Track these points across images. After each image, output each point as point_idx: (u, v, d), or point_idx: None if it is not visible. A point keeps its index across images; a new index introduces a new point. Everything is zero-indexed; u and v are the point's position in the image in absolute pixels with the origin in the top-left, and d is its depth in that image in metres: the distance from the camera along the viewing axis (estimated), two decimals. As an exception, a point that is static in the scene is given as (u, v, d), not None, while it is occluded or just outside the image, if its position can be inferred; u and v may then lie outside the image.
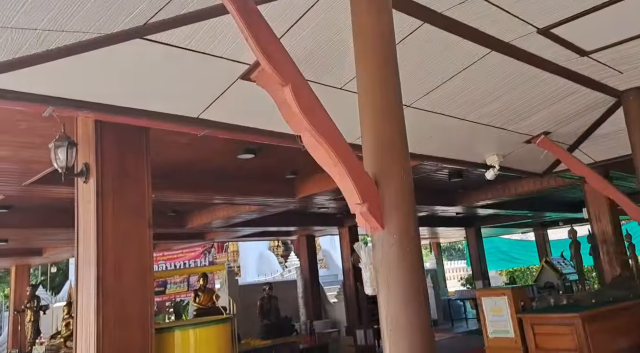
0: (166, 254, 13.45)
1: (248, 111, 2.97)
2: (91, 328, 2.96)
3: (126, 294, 3.09)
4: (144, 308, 3.15)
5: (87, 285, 3.08)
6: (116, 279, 3.07)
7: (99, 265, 3.02)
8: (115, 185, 3.21)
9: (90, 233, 3.14)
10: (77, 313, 3.20)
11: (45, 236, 9.29)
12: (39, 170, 4.91)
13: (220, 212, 9.23)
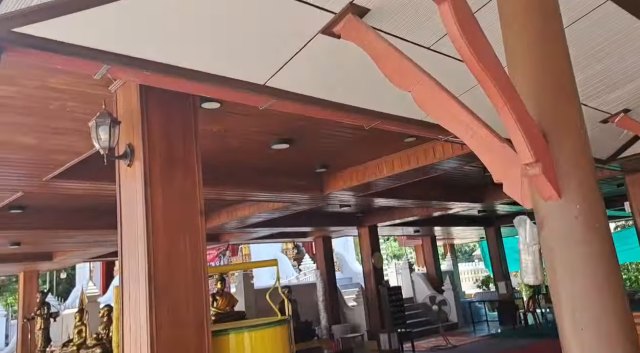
0: (179, 258, 13.03)
1: (330, 78, 2.56)
2: (143, 330, 2.56)
3: (180, 292, 2.69)
4: (199, 307, 2.75)
5: (135, 283, 2.68)
6: (169, 276, 2.67)
7: (150, 260, 2.61)
8: (164, 169, 2.81)
9: (137, 224, 2.73)
10: (123, 315, 2.80)
11: (58, 239, 8.88)
12: (62, 163, 4.51)
13: (240, 211, 8.83)
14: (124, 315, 2.81)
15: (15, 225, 7.33)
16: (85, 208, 7.72)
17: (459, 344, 11.49)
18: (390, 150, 6.08)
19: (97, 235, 8.71)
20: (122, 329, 2.81)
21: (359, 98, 2.84)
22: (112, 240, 9.57)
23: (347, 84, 2.66)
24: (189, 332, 2.68)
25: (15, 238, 8.08)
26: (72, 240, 9.01)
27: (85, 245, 9.84)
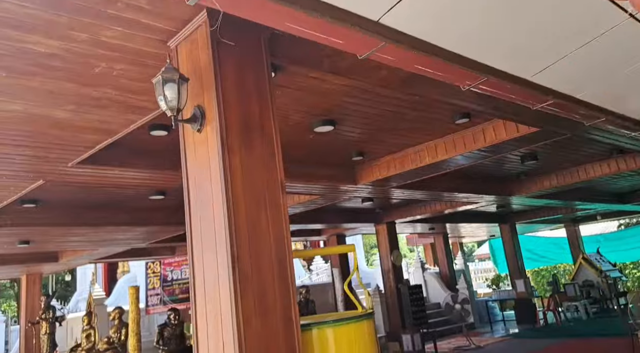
0: (189, 258, 12.53)
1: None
2: (228, 324, 2.13)
3: (267, 278, 2.26)
4: (286, 296, 2.32)
5: (214, 270, 2.24)
6: (254, 260, 2.24)
7: (232, 241, 2.18)
8: (242, 135, 2.38)
9: (213, 200, 2.30)
10: (196, 308, 2.36)
11: (69, 237, 8.40)
12: (92, 144, 4.07)
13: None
14: (196, 307, 2.38)
15: (27, 221, 6.84)
16: (102, 204, 7.25)
17: (482, 345, 11.09)
18: (434, 135, 5.69)
19: (112, 233, 8.24)
20: (195, 324, 2.37)
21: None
22: (127, 238, 9.10)
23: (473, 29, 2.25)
24: (278, 324, 2.25)
25: (26, 235, 7.59)
26: (84, 238, 8.53)
27: (97, 244, 9.36)
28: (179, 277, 12.46)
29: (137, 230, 8.31)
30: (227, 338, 2.15)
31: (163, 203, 7.82)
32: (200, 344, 2.33)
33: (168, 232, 9.09)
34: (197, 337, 2.35)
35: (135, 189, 6.64)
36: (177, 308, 8.69)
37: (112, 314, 9.59)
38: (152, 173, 5.10)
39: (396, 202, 10.62)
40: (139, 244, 10.30)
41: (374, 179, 6.60)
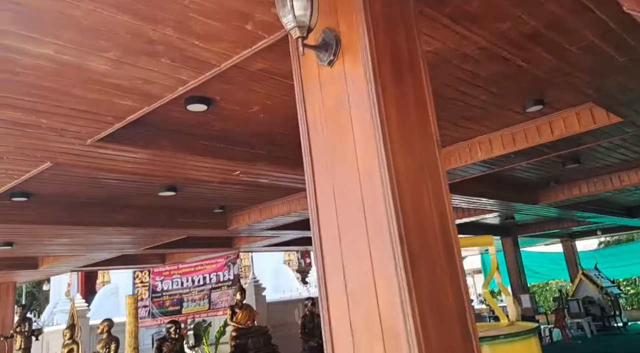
0: (182, 267, 11.63)
1: None
2: (395, 334, 1.44)
3: (436, 271, 1.59)
4: (457, 292, 1.65)
5: (363, 261, 1.56)
6: (422, 243, 1.57)
7: (398, 217, 1.51)
8: (394, 76, 1.71)
9: (359, 157, 1.62)
10: (329, 314, 1.66)
11: (57, 240, 7.46)
12: (125, 113, 3.32)
13: (277, 208, 7.67)
14: (329, 313, 1.67)
15: (15, 218, 5.94)
16: (99, 201, 6.41)
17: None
18: (493, 126, 5.12)
19: (107, 235, 7.35)
20: (329, 335, 1.67)
21: None
22: (123, 241, 8.19)
23: None
24: (455, 333, 1.57)
25: (11, 236, 6.64)
26: (75, 241, 7.60)
27: (87, 248, 8.41)
28: (169, 287, 11.53)
29: (136, 232, 7.45)
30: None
31: (169, 202, 7.01)
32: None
33: (170, 235, 8.24)
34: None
35: (144, 183, 5.85)
36: (178, 321, 7.82)
37: (101, 327, 8.62)
38: (177, 159, 4.36)
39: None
40: (131, 250, 9.37)
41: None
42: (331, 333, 1.65)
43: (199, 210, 7.72)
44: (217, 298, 11.11)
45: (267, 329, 9.04)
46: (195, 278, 11.40)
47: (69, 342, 9.31)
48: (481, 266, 21.80)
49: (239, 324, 8.84)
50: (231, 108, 3.93)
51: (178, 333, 7.48)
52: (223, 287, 11.15)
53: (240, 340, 8.56)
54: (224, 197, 7.12)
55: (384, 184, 1.56)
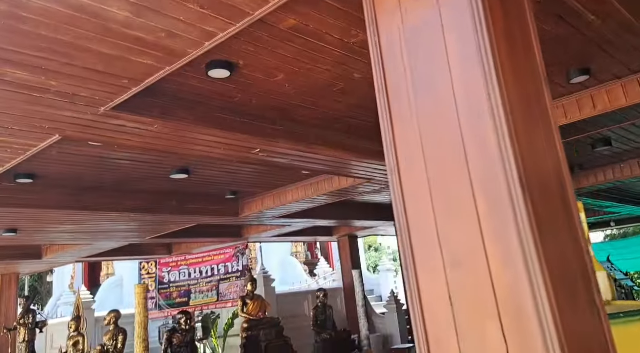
0: (189, 258, 11.34)
1: None
2: (525, 306, 1.13)
3: (559, 231, 1.27)
4: (580, 260, 1.33)
5: (469, 215, 1.24)
6: (544, 199, 1.25)
7: (518, 164, 1.19)
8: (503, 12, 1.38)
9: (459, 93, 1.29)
10: (418, 288, 1.34)
11: (62, 227, 7.15)
12: (143, 75, 3.00)
13: (290, 194, 7.35)
14: (419, 286, 1.35)
15: (19, 202, 5.63)
16: (107, 185, 6.10)
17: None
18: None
19: (114, 222, 7.05)
20: (419, 311, 1.35)
21: None
22: (131, 229, 7.87)
23: None
24: (585, 311, 1.25)
25: (15, 221, 6.34)
26: (80, 228, 7.30)
27: (93, 236, 8.11)
28: (176, 279, 11.24)
29: (145, 219, 7.14)
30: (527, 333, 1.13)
31: (180, 187, 6.70)
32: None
33: (179, 223, 7.93)
34: (426, 331, 1.32)
35: (156, 164, 5.54)
36: (189, 311, 7.52)
37: (108, 318, 8.33)
38: (194, 133, 4.04)
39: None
40: (138, 239, 9.07)
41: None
42: (423, 315, 1.33)
43: (210, 196, 7.41)
44: (225, 290, 10.82)
45: (278, 321, 8.75)
46: (203, 269, 11.11)
47: (75, 334, 9.03)
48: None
49: (250, 316, 8.55)
50: (254, 76, 3.61)
51: (189, 324, 7.19)
52: (232, 278, 10.86)
53: (252, 332, 8.27)
54: (237, 182, 6.81)
55: (498, 122, 1.23)
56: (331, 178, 6.76)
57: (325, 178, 6.83)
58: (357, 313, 12.04)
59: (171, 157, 5.31)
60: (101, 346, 8.21)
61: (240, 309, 8.67)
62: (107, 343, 8.18)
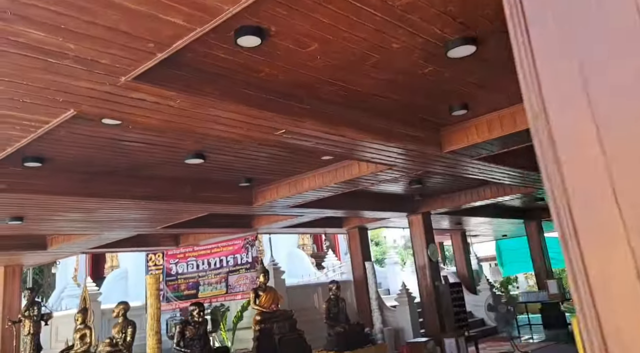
0: (197, 249, 11.09)
1: None
2: None
3: None
4: None
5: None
6: None
7: None
8: None
9: None
10: (580, 261, 1.09)
11: (69, 215, 6.90)
12: (170, 39, 2.72)
13: (307, 182, 7.09)
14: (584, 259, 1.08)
15: (26, 187, 5.37)
16: (119, 170, 5.84)
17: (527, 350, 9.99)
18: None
19: (124, 210, 6.79)
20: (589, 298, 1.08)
21: None
22: (141, 218, 7.61)
23: None
24: None
25: (21, 208, 6.07)
26: (88, 217, 7.04)
27: (102, 225, 7.86)
28: (184, 270, 10.99)
29: (156, 207, 6.88)
30: None
31: (194, 173, 6.44)
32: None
33: (191, 212, 7.67)
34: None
35: (171, 148, 5.27)
36: (202, 303, 7.28)
37: (116, 310, 8.07)
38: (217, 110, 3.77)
39: (439, 187, 9.48)
40: (149, 228, 8.82)
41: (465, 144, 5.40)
42: (593, 301, 1.05)
43: (224, 183, 7.15)
44: (234, 282, 10.58)
45: (291, 313, 8.51)
46: (211, 261, 10.87)
47: (81, 327, 8.77)
48: (496, 252, 21.30)
49: (262, 308, 8.30)
50: (285, 45, 3.33)
51: (202, 316, 6.95)
52: (241, 270, 10.62)
53: (265, 325, 8.03)
54: (253, 168, 6.54)
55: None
56: (350, 165, 6.50)
57: (346, 164, 6.56)
58: (368, 306, 11.82)
59: (187, 140, 5.05)
60: (110, 339, 7.96)
61: (253, 301, 8.42)
62: (116, 336, 7.93)
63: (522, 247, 19.75)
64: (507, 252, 20.50)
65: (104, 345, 7.85)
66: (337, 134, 4.61)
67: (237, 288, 10.56)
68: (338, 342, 8.73)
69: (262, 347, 7.77)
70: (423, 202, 10.40)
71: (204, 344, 6.90)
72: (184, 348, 6.77)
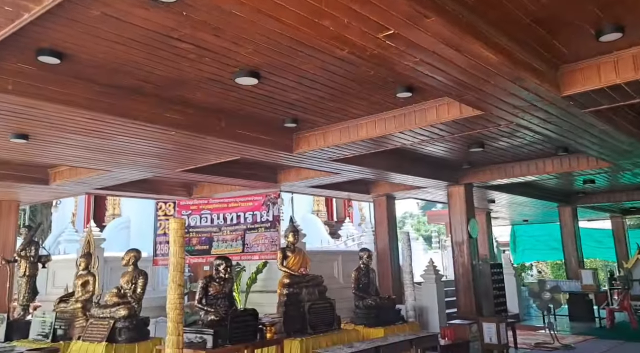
0: (212, 202, 10.07)
1: None
2: None
3: None
4: None
5: None
6: None
7: None
8: None
9: None
10: None
11: (83, 140, 5.83)
12: None
13: (365, 128, 6.01)
14: None
15: (38, 92, 4.27)
16: (152, 87, 4.74)
17: (566, 343, 9.12)
18: None
19: (149, 140, 5.71)
20: None
21: None
22: (165, 153, 6.51)
23: None
24: None
25: (27, 123, 4.96)
26: (102, 145, 5.97)
27: (114, 160, 6.79)
28: (197, 223, 10.00)
29: (185, 140, 5.80)
30: None
31: (234, 104, 5.37)
32: None
33: (222, 153, 6.57)
34: None
35: (224, 58, 4.17)
36: (229, 258, 6.29)
37: (126, 258, 7.10)
38: None
39: (494, 155, 8.42)
40: (166, 170, 7.76)
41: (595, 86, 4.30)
42: None
43: (265, 121, 6.08)
44: (252, 241, 9.61)
45: (321, 279, 7.56)
46: (227, 216, 9.85)
47: (84, 273, 7.82)
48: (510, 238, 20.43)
49: (291, 270, 7.34)
50: None
51: (229, 272, 5.97)
52: (260, 229, 9.63)
53: (294, 289, 7.09)
54: (306, 104, 5.44)
55: None
56: (427, 110, 5.42)
57: (419, 109, 5.48)
58: (391, 279, 10.94)
59: (247, 46, 3.93)
60: (117, 289, 7.00)
61: (280, 262, 7.45)
62: (125, 287, 6.97)
63: (544, 233, 18.93)
64: (523, 239, 19.67)
65: (110, 295, 6.89)
66: (460, 47, 3.43)
67: (255, 248, 9.60)
68: (368, 316, 7.83)
69: (289, 314, 6.84)
70: (469, 171, 9.38)
71: (229, 304, 5.94)
72: (206, 307, 5.81)
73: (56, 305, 7.79)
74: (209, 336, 5.39)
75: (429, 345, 6.75)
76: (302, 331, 6.73)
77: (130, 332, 6.50)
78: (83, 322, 7.16)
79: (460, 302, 9.37)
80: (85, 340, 6.51)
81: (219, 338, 5.41)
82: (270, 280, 9.73)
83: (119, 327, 6.48)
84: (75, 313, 7.49)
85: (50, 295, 9.40)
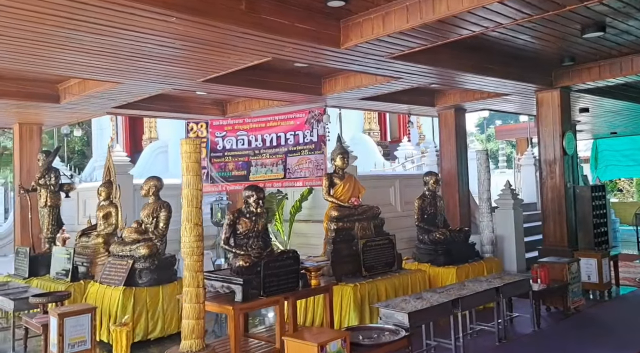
0: (249, 122, 8.72)
1: None
2: None
3: None
4: None
5: None
6: None
7: None
8: None
9: None
10: None
11: (85, 36, 4.43)
12: None
13: (446, 2, 4.20)
14: None
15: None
16: None
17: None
18: None
19: (154, 31, 4.23)
20: None
21: None
22: (174, 55, 5.03)
23: None
24: None
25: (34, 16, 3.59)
26: (105, 44, 4.56)
27: (121, 66, 5.42)
28: (233, 146, 8.73)
29: (195, 32, 4.27)
30: None
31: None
32: None
33: (245, 52, 4.95)
34: None
35: None
36: (261, 187, 4.95)
37: (145, 187, 5.97)
38: None
39: (611, 45, 6.31)
40: (185, 80, 6.34)
41: None
42: None
43: (302, 1, 4.39)
44: (294, 165, 8.29)
45: (378, 211, 6.16)
46: (266, 137, 8.49)
47: (105, 204, 6.85)
48: (591, 153, 17.97)
49: (339, 201, 5.96)
50: None
51: (261, 205, 4.66)
52: (303, 151, 8.25)
53: (344, 223, 5.75)
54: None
55: None
56: None
57: None
58: (459, 207, 9.45)
59: None
60: (137, 223, 5.94)
61: (326, 191, 6.07)
62: (145, 221, 5.90)
63: (632, 147, 16.52)
64: (607, 154, 17.29)
65: (129, 231, 5.84)
66: None
67: (298, 173, 8.28)
68: (435, 252, 6.45)
69: (339, 253, 5.56)
70: (570, 70, 7.32)
71: (263, 245, 4.68)
72: (235, 248, 4.58)
73: (77, 239, 6.94)
74: (238, 286, 4.20)
75: (520, 293, 5.32)
76: (354, 275, 5.48)
77: (152, 273, 5.48)
78: (105, 259, 6.25)
79: (549, 232, 7.76)
80: (102, 282, 5.58)
81: (250, 288, 4.21)
82: (317, 209, 8.47)
83: (139, 268, 5.48)
84: (97, 249, 6.60)
85: (81, 225, 8.64)
